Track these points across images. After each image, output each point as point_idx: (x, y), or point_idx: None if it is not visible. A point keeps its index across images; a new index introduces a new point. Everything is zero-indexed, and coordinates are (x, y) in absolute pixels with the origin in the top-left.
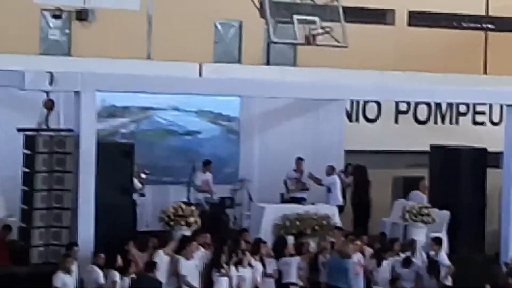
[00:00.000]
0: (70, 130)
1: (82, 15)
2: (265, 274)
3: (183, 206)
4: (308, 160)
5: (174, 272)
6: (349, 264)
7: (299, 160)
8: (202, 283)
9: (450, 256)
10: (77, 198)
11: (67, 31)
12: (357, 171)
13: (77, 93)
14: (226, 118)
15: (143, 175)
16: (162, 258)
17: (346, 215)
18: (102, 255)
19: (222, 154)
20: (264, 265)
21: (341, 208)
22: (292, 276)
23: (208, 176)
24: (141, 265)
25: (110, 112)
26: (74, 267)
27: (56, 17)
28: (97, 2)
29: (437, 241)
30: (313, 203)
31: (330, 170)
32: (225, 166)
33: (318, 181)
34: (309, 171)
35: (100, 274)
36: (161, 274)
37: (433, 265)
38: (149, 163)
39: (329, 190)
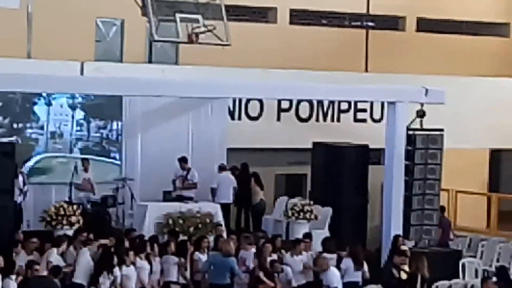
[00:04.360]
0: None
1: None
2: (151, 272)
3: (65, 205)
4: (190, 158)
5: None
6: (230, 262)
7: (182, 160)
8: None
9: None
10: None
11: None
12: (241, 168)
13: None
14: None
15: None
16: (56, 258)
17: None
18: None
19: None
20: (150, 264)
21: (228, 206)
22: (173, 275)
23: (90, 174)
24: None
25: None
26: None
27: None
28: None
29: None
30: (196, 201)
31: (223, 168)
32: None
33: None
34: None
35: None
36: None
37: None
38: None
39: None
